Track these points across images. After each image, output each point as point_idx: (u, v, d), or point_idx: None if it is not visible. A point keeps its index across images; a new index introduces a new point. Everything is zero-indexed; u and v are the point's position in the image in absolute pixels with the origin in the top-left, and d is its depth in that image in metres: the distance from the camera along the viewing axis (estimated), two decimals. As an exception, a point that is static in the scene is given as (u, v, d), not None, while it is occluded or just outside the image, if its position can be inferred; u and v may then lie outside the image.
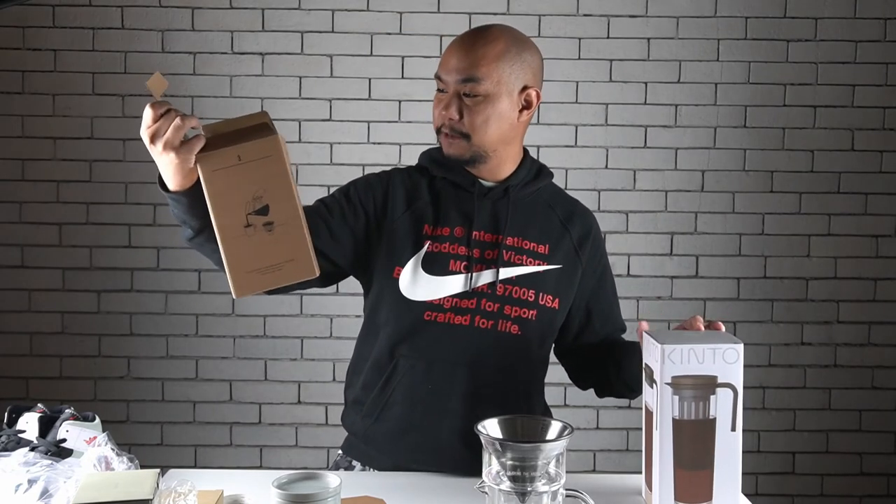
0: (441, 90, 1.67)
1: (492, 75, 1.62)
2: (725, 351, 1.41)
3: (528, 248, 1.70)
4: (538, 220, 1.73)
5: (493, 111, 1.64)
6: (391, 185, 1.73)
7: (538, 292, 1.69)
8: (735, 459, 1.43)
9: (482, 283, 1.66)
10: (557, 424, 1.28)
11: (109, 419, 2.99)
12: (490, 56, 1.62)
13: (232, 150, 1.37)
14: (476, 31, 1.68)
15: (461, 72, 1.62)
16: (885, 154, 3.08)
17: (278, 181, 1.37)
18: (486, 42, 1.63)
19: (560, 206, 1.78)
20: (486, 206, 1.70)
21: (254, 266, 1.39)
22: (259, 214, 1.38)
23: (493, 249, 1.68)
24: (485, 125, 1.65)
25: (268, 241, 1.38)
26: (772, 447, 3.13)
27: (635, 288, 3.10)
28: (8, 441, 1.52)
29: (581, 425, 3.11)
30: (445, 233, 1.68)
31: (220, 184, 1.38)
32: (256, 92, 3.05)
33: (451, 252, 1.67)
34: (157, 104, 1.38)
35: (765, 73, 3.06)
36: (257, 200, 1.38)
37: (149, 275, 3.08)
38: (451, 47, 1.67)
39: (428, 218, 1.69)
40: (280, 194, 1.38)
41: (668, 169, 3.08)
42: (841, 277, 3.11)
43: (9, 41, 3.02)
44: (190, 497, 1.31)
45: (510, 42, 1.65)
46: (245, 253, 1.39)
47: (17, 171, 3.06)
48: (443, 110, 1.65)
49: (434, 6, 3.03)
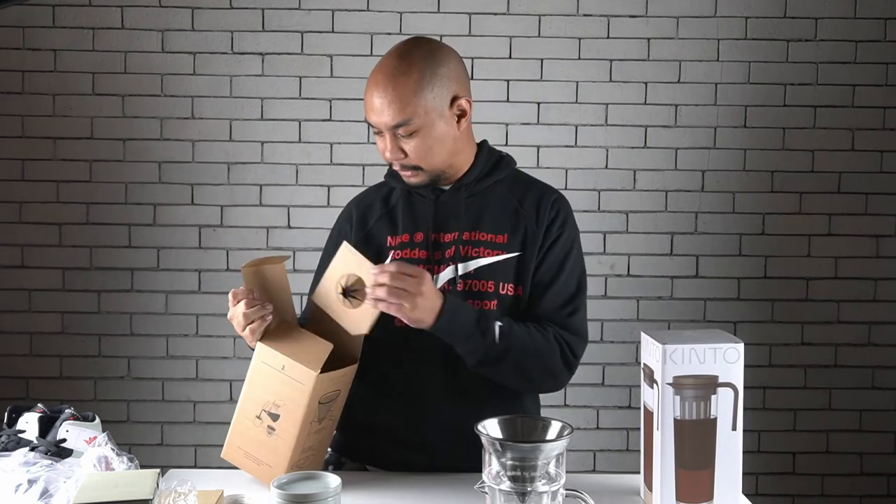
0: (376, 131, 1.68)
1: (417, 111, 1.62)
2: (726, 350, 1.41)
3: (484, 240, 1.70)
4: (495, 210, 1.73)
5: (432, 139, 1.65)
6: (342, 224, 1.83)
7: (497, 282, 1.68)
8: (735, 459, 1.43)
9: (442, 283, 1.68)
10: (557, 424, 1.28)
11: (109, 419, 2.99)
12: (408, 94, 1.61)
13: (282, 358, 1.53)
14: (388, 69, 1.64)
15: (388, 118, 1.63)
16: (885, 154, 3.08)
17: (296, 407, 1.52)
18: (400, 81, 1.61)
19: (519, 192, 1.77)
20: (441, 208, 1.73)
21: (244, 447, 1.58)
22: (269, 417, 1.55)
23: (451, 247, 1.70)
24: (430, 153, 1.66)
25: (263, 439, 1.55)
26: (772, 447, 3.12)
27: (635, 288, 3.09)
28: (8, 441, 1.52)
29: (581, 425, 3.11)
30: (406, 239, 1.72)
31: (260, 376, 1.55)
32: (256, 92, 3.05)
33: (413, 257, 1.70)
34: (252, 300, 1.56)
35: (765, 73, 3.05)
36: (275, 406, 1.54)
37: (149, 275, 3.08)
38: (369, 92, 1.65)
39: (387, 231, 1.75)
40: (290, 417, 1.53)
41: (668, 169, 3.07)
42: (841, 277, 3.10)
43: (9, 41, 3.02)
44: (190, 497, 1.31)
45: (423, 66, 1.63)
46: (245, 433, 1.57)
47: (17, 171, 3.06)
48: (386, 153, 1.67)
49: (434, 6, 3.03)
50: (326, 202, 3.04)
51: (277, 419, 1.53)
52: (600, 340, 3.10)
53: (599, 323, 3.09)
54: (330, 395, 1.57)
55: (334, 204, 3.00)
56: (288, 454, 1.53)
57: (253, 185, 3.06)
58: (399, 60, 1.64)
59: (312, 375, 1.49)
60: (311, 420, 1.54)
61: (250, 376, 1.56)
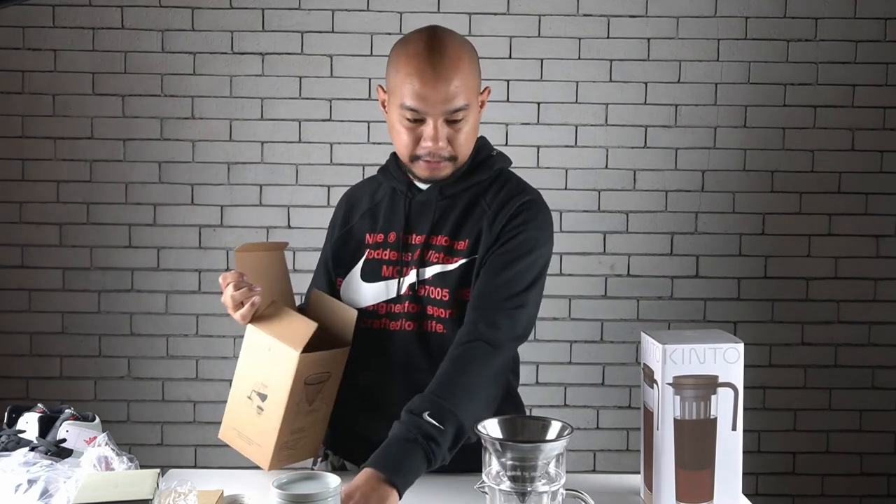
0: (415, 119, 1.59)
1: (470, 96, 1.60)
2: (726, 350, 1.41)
3: (444, 245, 1.65)
4: (463, 214, 1.67)
5: (471, 126, 1.63)
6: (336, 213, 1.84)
7: (452, 290, 1.62)
8: (736, 459, 1.43)
9: (406, 287, 1.65)
10: (557, 424, 1.28)
11: (109, 419, 2.99)
12: (467, 77, 1.58)
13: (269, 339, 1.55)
14: (441, 52, 1.57)
15: (448, 103, 1.57)
16: (885, 154, 3.08)
17: (281, 387, 1.54)
18: (456, 64, 1.57)
19: (493, 195, 1.68)
20: (415, 208, 1.69)
21: (237, 427, 1.61)
22: (259, 396, 1.57)
23: (417, 250, 1.66)
24: (468, 142, 1.64)
25: (254, 419, 1.58)
26: (772, 447, 3.12)
27: (635, 288, 3.10)
28: (8, 441, 1.52)
29: (581, 425, 3.11)
30: (380, 239, 1.70)
31: (249, 356, 1.59)
32: (256, 92, 3.05)
33: (384, 258, 1.69)
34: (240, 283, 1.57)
35: (765, 73, 3.05)
36: (263, 386, 1.56)
37: (149, 275, 3.08)
38: (420, 77, 1.56)
39: (367, 228, 1.73)
40: (276, 399, 1.55)
41: (668, 169, 3.07)
42: (841, 277, 3.10)
43: (9, 41, 3.02)
44: (190, 497, 1.31)
45: (468, 51, 1.61)
46: (238, 413, 1.60)
47: (17, 171, 3.06)
48: (430, 142, 1.59)
49: (434, 6, 3.03)
50: (326, 202, 3.04)
51: (266, 399, 1.56)
52: (600, 340, 3.10)
53: (599, 323, 3.10)
54: (319, 377, 1.58)
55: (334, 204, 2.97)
56: (275, 434, 1.55)
57: (253, 185, 3.06)
58: (443, 44, 1.59)
59: (295, 354, 1.51)
60: (297, 400, 1.55)
61: (241, 357, 1.59)
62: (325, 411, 1.66)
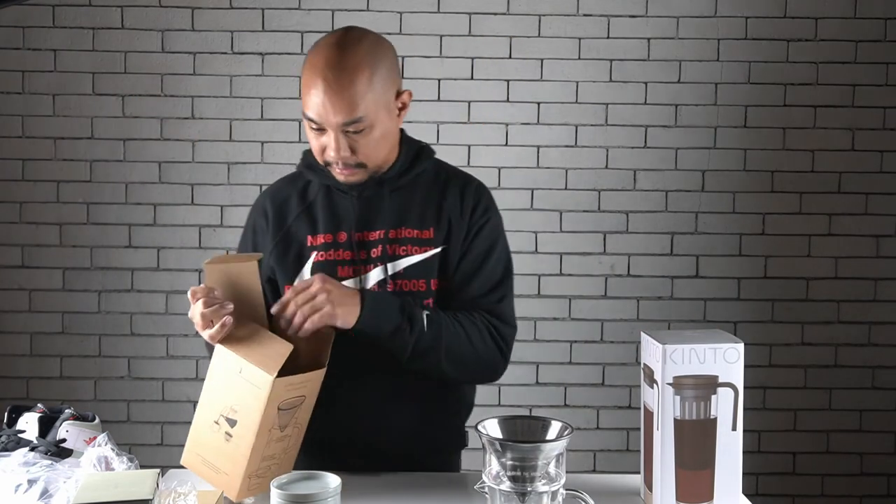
0: (318, 128, 1.58)
1: (369, 107, 1.55)
2: (726, 350, 1.41)
3: (410, 237, 1.65)
4: (419, 205, 1.68)
5: (379, 133, 1.59)
6: (256, 219, 1.76)
7: (429, 279, 1.64)
8: (736, 459, 1.43)
9: (372, 284, 1.63)
10: (557, 424, 1.28)
11: (109, 419, 2.99)
12: (361, 90, 1.53)
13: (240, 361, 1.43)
14: (334, 64, 1.54)
15: (340, 116, 1.54)
16: (885, 154, 3.08)
17: (252, 413, 1.42)
18: (350, 77, 1.53)
19: (441, 184, 1.71)
20: (363, 205, 1.67)
21: (202, 453, 1.48)
22: (227, 422, 1.45)
23: (378, 246, 1.64)
24: (377, 149, 1.61)
25: (221, 446, 1.45)
26: (772, 447, 3.12)
27: (635, 288, 3.09)
28: (8, 441, 1.52)
29: (581, 425, 3.11)
30: (329, 240, 1.66)
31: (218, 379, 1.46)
32: (256, 92, 3.05)
33: (337, 258, 1.65)
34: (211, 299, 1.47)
35: (765, 73, 3.05)
36: (232, 412, 1.44)
37: (149, 275, 3.08)
38: (312, 89, 1.54)
39: (306, 230, 1.68)
40: (247, 423, 1.43)
41: (668, 169, 3.07)
42: (841, 277, 3.10)
43: (9, 41, 3.02)
44: (190, 497, 1.31)
45: (370, 60, 1.55)
46: (203, 439, 1.48)
47: (17, 171, 3.06)
48: (331, 152, 1.58)
49: (434, 6, 3.03)
50: (326, 202, 3.04)
51: (235, 425, 1.43)
52: (600, 340, 3.10)
53: (599, 323, 3.10)
54: (292, 402, 1.46)
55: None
56: (244, 463, 1.43)
57: (253, 185, 3.06)
58: (343, 54, 1.54)
59: (269, 379, 1.39)
60: (269, 427, 1.44)
61: (208, 379, 1.48)
62: (297, 438, 1.55)
